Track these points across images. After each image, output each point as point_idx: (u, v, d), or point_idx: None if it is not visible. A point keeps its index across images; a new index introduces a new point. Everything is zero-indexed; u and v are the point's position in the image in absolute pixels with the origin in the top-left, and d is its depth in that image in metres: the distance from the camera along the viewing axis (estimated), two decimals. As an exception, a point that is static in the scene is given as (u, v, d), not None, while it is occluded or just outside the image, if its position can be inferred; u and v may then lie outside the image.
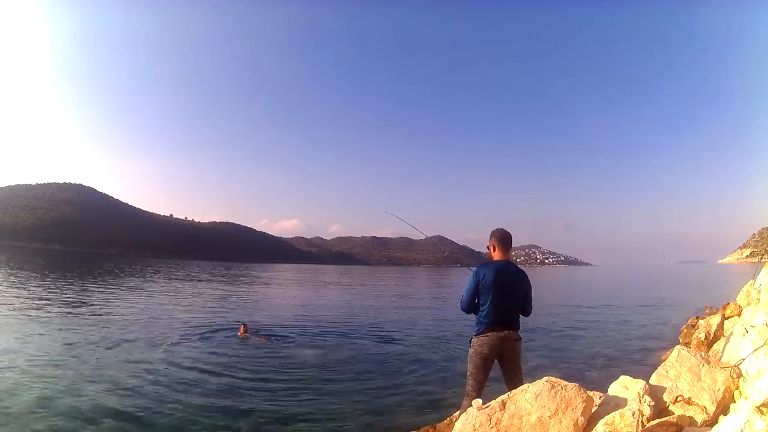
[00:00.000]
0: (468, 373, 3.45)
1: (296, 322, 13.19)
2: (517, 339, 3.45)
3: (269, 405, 5.71)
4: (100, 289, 21.29)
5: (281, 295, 25.41)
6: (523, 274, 3.58)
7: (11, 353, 7.74)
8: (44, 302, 14.87)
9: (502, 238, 3.60)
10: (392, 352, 9.24)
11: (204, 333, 10.81)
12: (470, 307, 3.49)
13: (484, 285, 3.39)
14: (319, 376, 7.22)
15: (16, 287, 19.42)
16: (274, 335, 10.86)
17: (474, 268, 3.57)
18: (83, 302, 15.58)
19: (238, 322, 11.49)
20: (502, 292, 3.39)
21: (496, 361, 3.50)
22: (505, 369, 3.50)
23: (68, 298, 16.75)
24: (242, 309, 16.41)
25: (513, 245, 3.69)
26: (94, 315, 12.69)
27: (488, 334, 3.37)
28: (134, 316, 12.92)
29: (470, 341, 3.49)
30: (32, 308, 13.24)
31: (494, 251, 3.60)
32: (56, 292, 18.37)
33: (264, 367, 7.67)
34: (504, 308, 3.39)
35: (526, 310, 3.59)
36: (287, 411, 5.51)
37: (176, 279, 34.46)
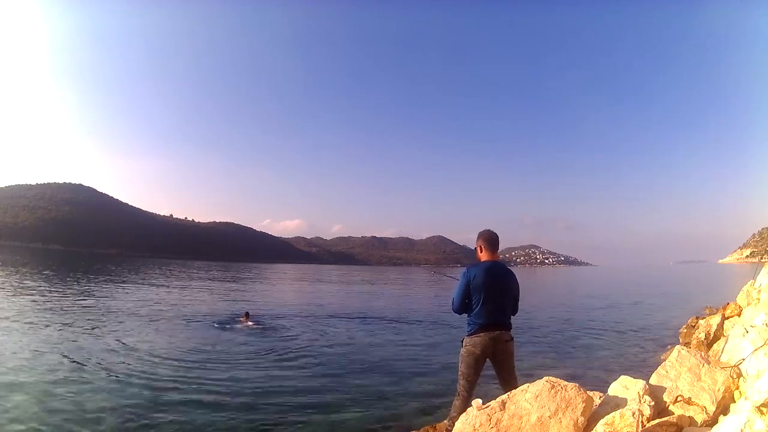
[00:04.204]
0: (459, 373, 3.45)
1: (296, 319, 13.16)
2: (508, 339, 3.44)
3: (266, 402, 5.70)
4: (100, 288, 21.24)
5: (280, 293, 25.39)
6: (512, 274, 3.60)
7: (10, 352, 7.73)
8: (44, 302, 14.85)
9: (490, 240, 3.62)
10: (391, 351, 9.24)
11: (204, 326, 10.93)
12: (461, 308, 3.50)
13: (474, 286, 3.40)
14: (318, 374, 7.22)
15: (15, 287, 19.40)
16: (274, 328, 11.06)
17: (462, 269, 3.58)
18: (83, 301, 15.53)
19: (242, 309, 11.66)
20: (493, 292, 3.40)
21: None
22: (498, 369, 3.49)
23: (68, 297, 16.71)
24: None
25: (513, 245, 3.74)
26: (93, 313, 12.64)
27: (480, 334, 3.38)
28: (134, 313, 12.88)
29: (462, 341, 3.50)
30: (32, 308, 13.22)
31: (481, 252, 3.62)
32: (56, 292, 18.34)
33: (263, 363, 7.72)
34: (494, 308, 3.40)
35: (514, 309, 3.62)
36: (285, 409, 5.49)
37: (176, 278, 34.40)
